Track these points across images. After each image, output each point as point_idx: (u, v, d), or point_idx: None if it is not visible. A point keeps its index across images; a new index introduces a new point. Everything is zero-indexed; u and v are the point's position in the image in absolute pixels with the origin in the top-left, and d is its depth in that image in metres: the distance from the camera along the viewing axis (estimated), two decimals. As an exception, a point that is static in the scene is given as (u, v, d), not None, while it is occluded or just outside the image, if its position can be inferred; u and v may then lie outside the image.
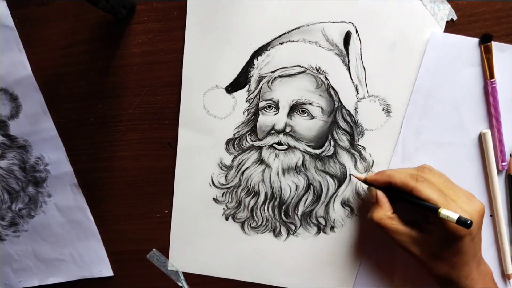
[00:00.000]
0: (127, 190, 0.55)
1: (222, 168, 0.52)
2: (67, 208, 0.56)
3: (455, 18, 0.46)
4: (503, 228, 0.48)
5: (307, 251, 0.52)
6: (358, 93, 0.48)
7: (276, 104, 0.50)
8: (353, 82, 0.48)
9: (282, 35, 0.48)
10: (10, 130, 0.55)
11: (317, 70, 0.49)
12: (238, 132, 0.51)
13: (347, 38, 0.48)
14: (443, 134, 0.48)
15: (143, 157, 0.53)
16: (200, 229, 0.54)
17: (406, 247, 0.43)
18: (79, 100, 0.53)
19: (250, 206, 0.52)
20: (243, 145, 0.51)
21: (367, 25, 0.47)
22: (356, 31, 0.47)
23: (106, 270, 0.57)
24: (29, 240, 0.57)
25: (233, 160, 0.52)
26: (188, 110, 0.51)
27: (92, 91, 0.53)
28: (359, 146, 0.50)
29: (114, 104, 0.53)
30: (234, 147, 0.51)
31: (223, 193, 0.53)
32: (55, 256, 0.57)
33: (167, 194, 0.54)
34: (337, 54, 0.48)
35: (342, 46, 0.48)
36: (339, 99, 0.49)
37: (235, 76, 0.50)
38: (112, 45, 0.52)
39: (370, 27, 0.47)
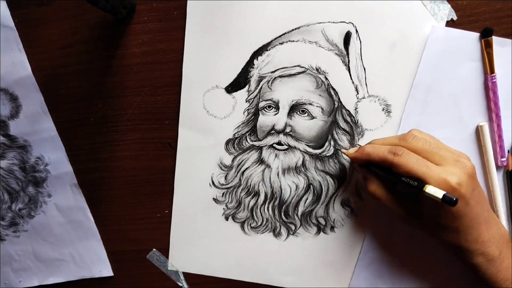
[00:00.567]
0: (127, 190, 0.55)
1: (222, 168, 0.52)
2: (67, 208, 0.56)
3: (455, 18, 0.46)
4: (503, 223, 0.48)
5: (307, 251, 0.52)
6: (358, 93, 0.48)
7: (276, 104, 0.50)
8: (353, 82, 0.48)
9: (282, 35, 0.48)
10: (10, 130, 0.55)
11: (317, 70, 0.49)
12: (238, 132, 0.51)
13: (347, 38, 0.48)
14: (443, 129, 0.48)
15: (143, 157, 0.53)
16: (200, 229, 0.54)
17: (407, 221, 0.42)
18: (79, 100, 0.53)
19: (250, 206, 0.52)
20: (243, 145, 0.51)
21: (367, 25, 0.47)
22: (356, 31, 0.47)
23: (106, 270, 0.57)
24: (29, 240, 0.57)
25: (233, 160, 0.52)
26: (188, 110, 0.51)
27: (92, 91, 0.53)
28: (359, 146, 0.49)
29: (114, 104, 0.53)
30: (234, 147, 0.51)
31: (223, 193, 0.53)
32: (55, 256, 0.57)
33: (167, 194, 0.54)
34: (337, 54, 0.48)
35: (342, 46, 0.48)
36: (339, 99, 0.49)
37: (235, 76, 0.50)
38: (112, 45, 0.52)
39: (370, 27, 0.47)
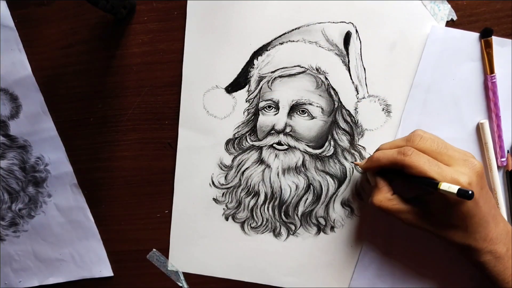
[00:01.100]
0: (127, 190, 0.55)
1: (222, 168, 0.52)
2: (67, 208, 0.56)
3: (455, 18, 0.46)
4: None
5: (307, 251, 0.52)
6: (358, 93, 0.48)
7: (276, 104, 0.50)
8: (353, 82, 0.48)
9: (282, 35, 0.48)
10: (10, 130, 0.55)
11: (317, 70, 0.49)
12: (238, 132, 0.51)
13: (347, 38, 0.48)
14: (443, 128, 0.48)
15: (143, 157, 0.53)
16: (200, 229, 0.54)
17: (414, 224, 0.42)
18: (79, 100, 0.53)
19: (250, 206, 0.52)
20: (243, 145, 0.51)
21: (367, 25, 0.47)
22: (356, 31, 0.47)
23: (106, 270, 0.57)
24: (29, 240, 0.57)
25: (233, 160, 0.52)
26: (188, 110, 0.51)
27: (92, 91, 0.53)
28: (359, 146, 0.50)
29: (114, 104, 0.53)
30: (234, 147, 0.51)
31: (223, 193, 0.53)
32: (55, 256, 0.57)
33: (167, 194, 0.54)
34: (337, 54, 0.48)
35: (342, 46, 0.48)
36: (339, 99, 0.49)
37: (235, 76, 0.50)
38: (112, 45, 0.52)
39: (370, 27, 0.47)
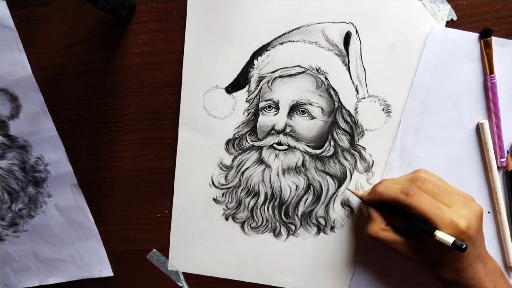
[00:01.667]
0: (127, 190, 0.55)
1: (222, 168, 0.52)
2: (67, 208, 0.56)
3: (455, 18, 0.46)
4: (505, 223, 0.48)
5: (307, 251, 0.52)
6: (358, 93, 0.48)
7: (276, 104, 0.50)
8: (353, 82, 0.48)
9: (282, 35, 0.48)
10: (10, 130, 0.55)
11: (317, 70, 0.49)
12: (238, 132, 0.51)
13: (347, 38, 0.48)
14: (442, 129, 0.48)
15: (143, 157, 0.53)
16: (200, 229, 0.54)
17: (406, 256, 0.43)
18: (79, 100, 0.53)
19: (250, 206, 0.52)
20: (243, 145, 0.51)
21: (367, 25, 0.47)
22: (356, 31, 0.47)
23: (106, 270, 0.57)
24: (29, 240, 0.57)
25: (233, 160, 0.52)
26: (188, 110, 0.51)
27: (92, 91, 0.53)
28: (359, 146, 0.50)
29: (114, 104, 0.53)
30: (234, 147, 0.51)
31: (223, 193, 0.53)
32: (55, 256, 0.57)
33: (167, 194, 0.54)
34: (337, 54, 0.48)
35: (342, 46, 0.48)
36: (339, 99, 0.49)
37: (235, 76, 0.50)
38: (112, 45, 0.52)
39: (370, 27, 0.47)
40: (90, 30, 0.52)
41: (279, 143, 0.50)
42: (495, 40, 0.45)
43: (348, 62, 0.48)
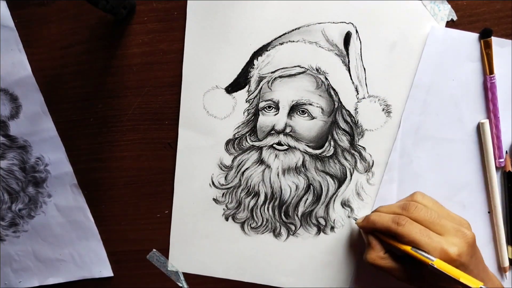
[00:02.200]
0: (127, 190, 0.55)
1: (222, 169, 0.52)
2: (67, 208, 0.56)
3: (455, 18, 0.46)
4: (500, 224, 0.48)
5: (307, 251, 0.52)
6: (358, 93, 0.48)
7: (276, 104, 0.50)
8: (353, 83, 0.48)
9: (282, 35, 0.48)
10: (10, 130, 0.55)
11: (317, 70, 0.49)
12: (238, 132, 0.51)
13: (347, 38, 0.48)
14: (442, 129, 0.48)
15: (143, 157, 0.53)
16: (200, 229, 0.54)
17: (405, 281, 0.43)
18: (79, 100, 0.53)
19: (250, 207, 0.52)
20: (243, 145, 0.51)
21: (367, 25, 0.47)
22: (356, 31, 0.47)
23: (106, 270, 0.57)
24: (29, 240, 0.57)
25: (233, 161, 0.52)
26: (188, 110, 0.51)
27: (92, 91, 0.53)
28: (359, 146, 0.50)
29: (114, 105, 0.53)
30: (234, 148, 0.51)
31: (223, 193, 0.53)
32: (55, 256, 0.57)
33: (167, 194, 0.54)
34: (337, 55, 0.48)
35: (342, 47, 0.48)
36: (339, 99, 0.49)
37: (235, 76, 0.50)
38: (112, 45, 0.52)
39: (370, 27, 0.47)
40: (90, 30, 0.52)
41: (279, 143, 0.50)
42: (495, 40, 0.45)
43: (348, 62, 0.48)
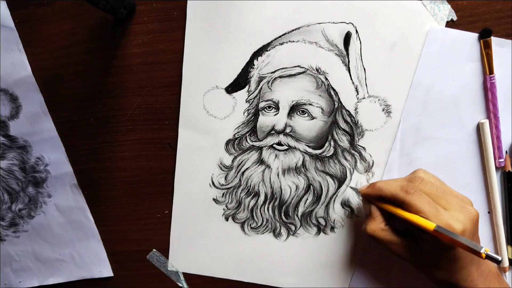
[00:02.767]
0: (127, 191, 0.55)
1: (222, 169, 0.52)
2: (67, 208, 0.56)
3: (455, 18, 0.46)
4: (500, 224, 0.48)
5: (307, 251, 0.52)
6: (358, 93, 0.48)
7: (276, 104, 0.50)
8: (353, 83, 0.48)
9: (282, 35, 0.48)
10: (10, 130, 0.55)
11: (317, 70, 0.49)
12: (238, 132, 0.51)
13: (347, 38, 0.48)
14: (441, 129, 0.48)
15: (143, 157, 0.53)
16: (200, 229, 0.54)
17: (402, 256, 0.43)
18: (79, 100, 0.53)
19: (250, 207, 0.52)
20: (243, 145, 0.51)
21: (367, 25, 0.47)
22: (356, 31, 0.47)
23: (106, 270, 0.57)
24: (29, 240, 0.57)
25: (233, 161, 0.52)
26: (188, 111, 0.51)
27: (92, 91, 0.53)
28: (359, 146, 0.50)
29: (114, 105, 0.53)
30: (234, 148, 0.51)
31: (223, 193, 0.53)
32: (55, 256, 0.57)
33: (167, 194, 0.54)
34: (337, 55, 0.48)
35: (342, 47, 0.48)
36: (339, 99, 0.49)
37: (235, 76, 0.50)
38: (112, 45, 0.52)
39: (370, 27, 0.47)
40: (90, 30, 0.52)
41: (279, 143, 0.50)
42: (494, 40, 0.45)
43: (348, 62, 0.48)
